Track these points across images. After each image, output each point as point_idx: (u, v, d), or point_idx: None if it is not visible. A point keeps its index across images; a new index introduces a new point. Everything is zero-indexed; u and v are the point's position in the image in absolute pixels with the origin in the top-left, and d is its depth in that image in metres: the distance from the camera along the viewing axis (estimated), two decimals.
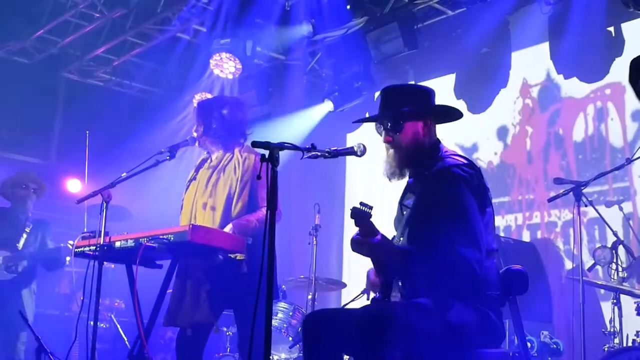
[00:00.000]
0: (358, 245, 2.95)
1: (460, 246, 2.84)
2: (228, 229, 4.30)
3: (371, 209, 2.87)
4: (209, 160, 4.70)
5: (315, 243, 6.18)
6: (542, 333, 5.35)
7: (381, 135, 3.24)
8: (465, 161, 3.09)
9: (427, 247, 2.94)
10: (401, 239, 3.15)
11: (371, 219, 2.88)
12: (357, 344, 2.78)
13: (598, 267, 5.41)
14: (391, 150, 3.19)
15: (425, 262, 2.90)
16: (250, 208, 4.45)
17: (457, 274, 2.85)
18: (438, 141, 3.25)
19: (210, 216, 4.44)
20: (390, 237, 3.09)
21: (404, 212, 3.21)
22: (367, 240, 2.90)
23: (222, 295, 4.33)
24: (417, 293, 2.97)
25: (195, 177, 4.68)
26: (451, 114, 3.27)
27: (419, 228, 3.05)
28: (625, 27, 6.33)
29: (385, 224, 3.25)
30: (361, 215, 2.86)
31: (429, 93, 3.29)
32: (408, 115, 3.17)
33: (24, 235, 6.39)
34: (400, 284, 3.10)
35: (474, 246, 2.87)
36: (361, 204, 2.87)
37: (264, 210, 3.37)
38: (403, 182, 3.50)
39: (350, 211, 2.87)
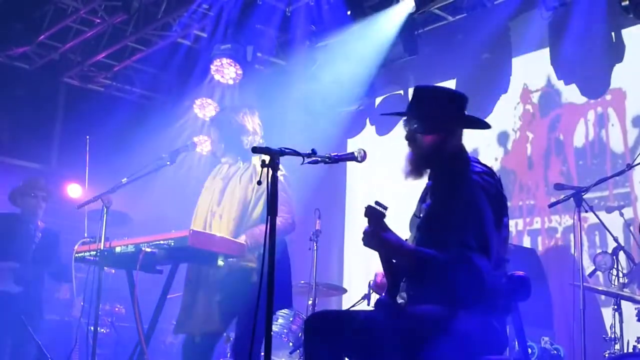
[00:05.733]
0: (368, 237, 2.88)
1: (472, 253, 2.80)
2: (242, 239, 4.28)
3: (386, 209, 2.83)
4: (224, 168, 4.66)
5: (315, 248, 6.17)
6: (543, 339, 5.33)
7: (405, 130, 3.19)
8: (486, 169, 3.06)
9: (439, 251, 2.90)
10: (414, 240, 3.13)
11: (385, 219, 2.84)
12: (359, 348, 2.77)
13: (599, 272, 5.40)
14: (411, 149, 3.15)
15: (435, 267, 2.87)
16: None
17: (467, 282, 2.81)
18: (462, 148, 3.20)
19: (226, 225, 4.39)
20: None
21: (421, 214, 3.18)
22: (379, 233, 2.86)
23: (234, 303, 4.30)
24: (423, 297, 2.94)
25: (210, 185, 4.65)
26: (478, 125, 3.23)
27: (433, 231, 3.02)
28: (626, 33, 6.33)
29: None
30: (376, 215, 2.83)
31: (462, 100, 3.22)
32: (436, 121, 3.13)
33: (33, 247, 6.22)
34: (407, 286, 3.07)
35: (486, 255, 2.83)
36: (376, 203, 2.84)
37: (279, 219, 3.36)
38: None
39: (364, 209, 2.83)
